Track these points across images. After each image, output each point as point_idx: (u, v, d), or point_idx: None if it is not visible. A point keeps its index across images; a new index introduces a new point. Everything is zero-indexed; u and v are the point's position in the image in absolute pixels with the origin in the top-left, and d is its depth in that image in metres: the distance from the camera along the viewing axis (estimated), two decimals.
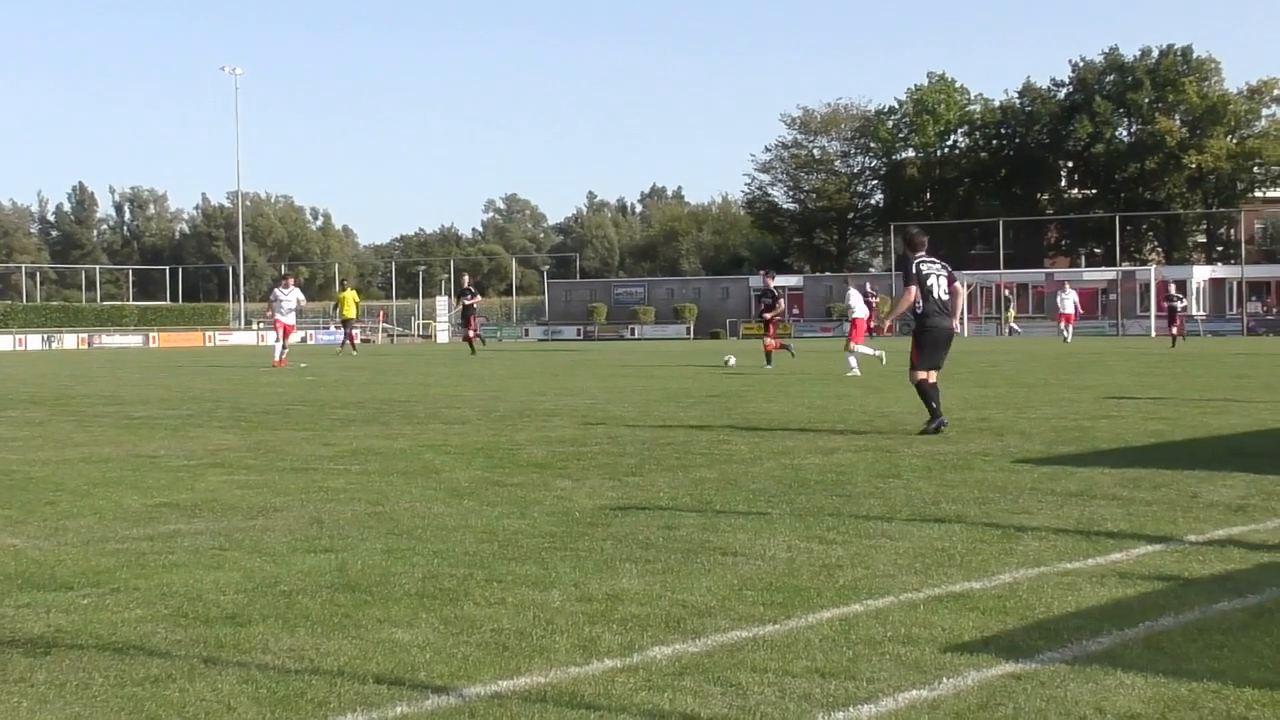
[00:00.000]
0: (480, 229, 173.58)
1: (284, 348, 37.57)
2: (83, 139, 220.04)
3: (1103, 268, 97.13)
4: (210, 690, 5.15)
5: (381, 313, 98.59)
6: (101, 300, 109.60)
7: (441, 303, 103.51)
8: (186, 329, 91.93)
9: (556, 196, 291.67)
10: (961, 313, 36.97)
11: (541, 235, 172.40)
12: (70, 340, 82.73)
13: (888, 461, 12.62)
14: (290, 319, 38.20)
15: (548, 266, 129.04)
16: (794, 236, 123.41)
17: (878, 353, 31.61)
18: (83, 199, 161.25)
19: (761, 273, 40.67)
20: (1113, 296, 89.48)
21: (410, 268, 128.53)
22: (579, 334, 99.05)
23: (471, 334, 46.88)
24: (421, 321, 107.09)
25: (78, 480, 11.52)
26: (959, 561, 7.65)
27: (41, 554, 7.97)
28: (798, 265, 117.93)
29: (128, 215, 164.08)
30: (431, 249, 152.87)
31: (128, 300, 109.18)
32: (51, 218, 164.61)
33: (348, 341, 49.21)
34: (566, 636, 6.00)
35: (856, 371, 29.99)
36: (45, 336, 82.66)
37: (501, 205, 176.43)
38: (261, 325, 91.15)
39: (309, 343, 78.99)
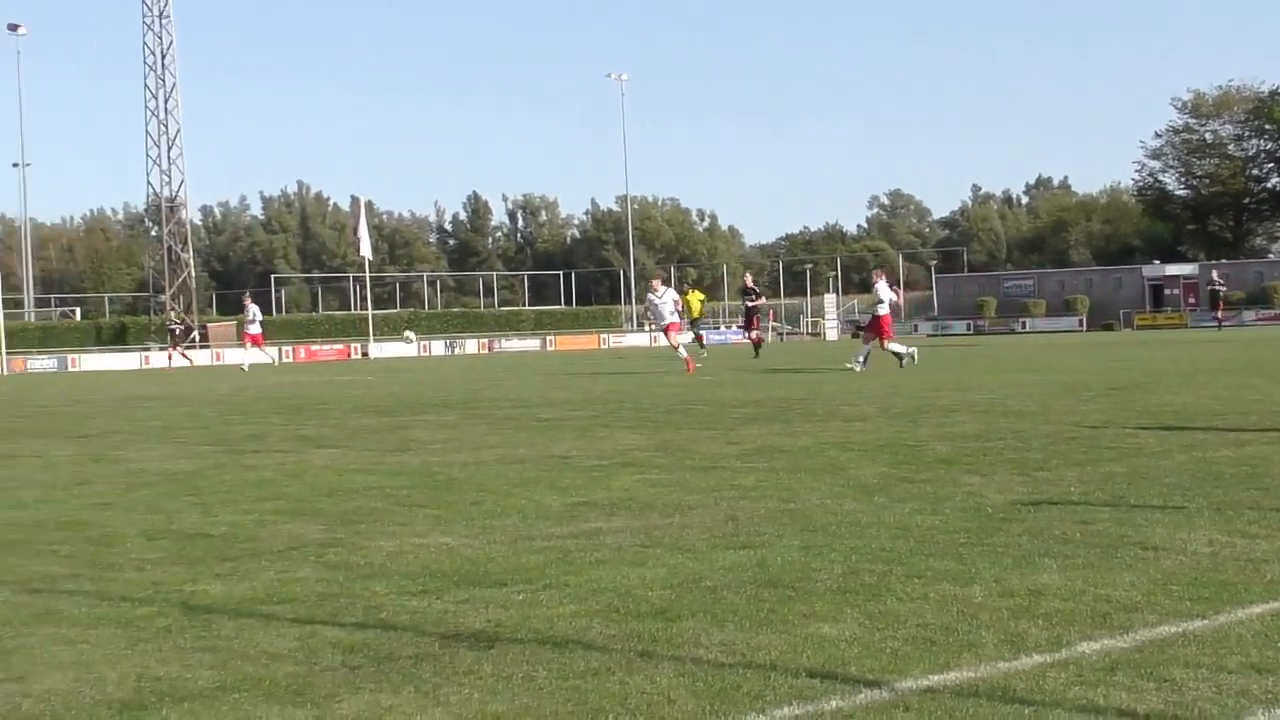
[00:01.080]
0: (865, 225, 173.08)
1: (679, 347, 37.56)
2: (476, 150, 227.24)
3: None
4: (649, 683, 5.29)
5: (771, 311, 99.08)
6: (499, 305, 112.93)
7: (829, 300, 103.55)
8: (581, 332, 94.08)
9: (940, 190, 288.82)
10: None
11: (926, 230, 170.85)
12: (471, 345, 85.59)
13: None
14: (672, 319, 38.10)
15: (934, 261, 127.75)
16: (1186, 224, 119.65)
17: (910, 350, 32.16)
18: (477, 208, 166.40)
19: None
20: None
21: (796, 266, 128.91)
22: (968, 328, 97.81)
23: (754, 335, 45.84)
24: (810, 319, 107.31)
25: (497, 481, 11.93)
26: None
27: (473, 552, 8.29)
28: (1192, 253, 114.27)
29: (520, 222, 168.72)
30: (817, 246, 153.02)
31: (523, 305, 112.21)
32: (448, 227, 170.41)
33: (695, 341, 48.61)
34: (992, 631, 5.97)
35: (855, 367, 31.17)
36: (448, 342, 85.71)
37: (885, 201, 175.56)
38: (652, 329, 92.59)
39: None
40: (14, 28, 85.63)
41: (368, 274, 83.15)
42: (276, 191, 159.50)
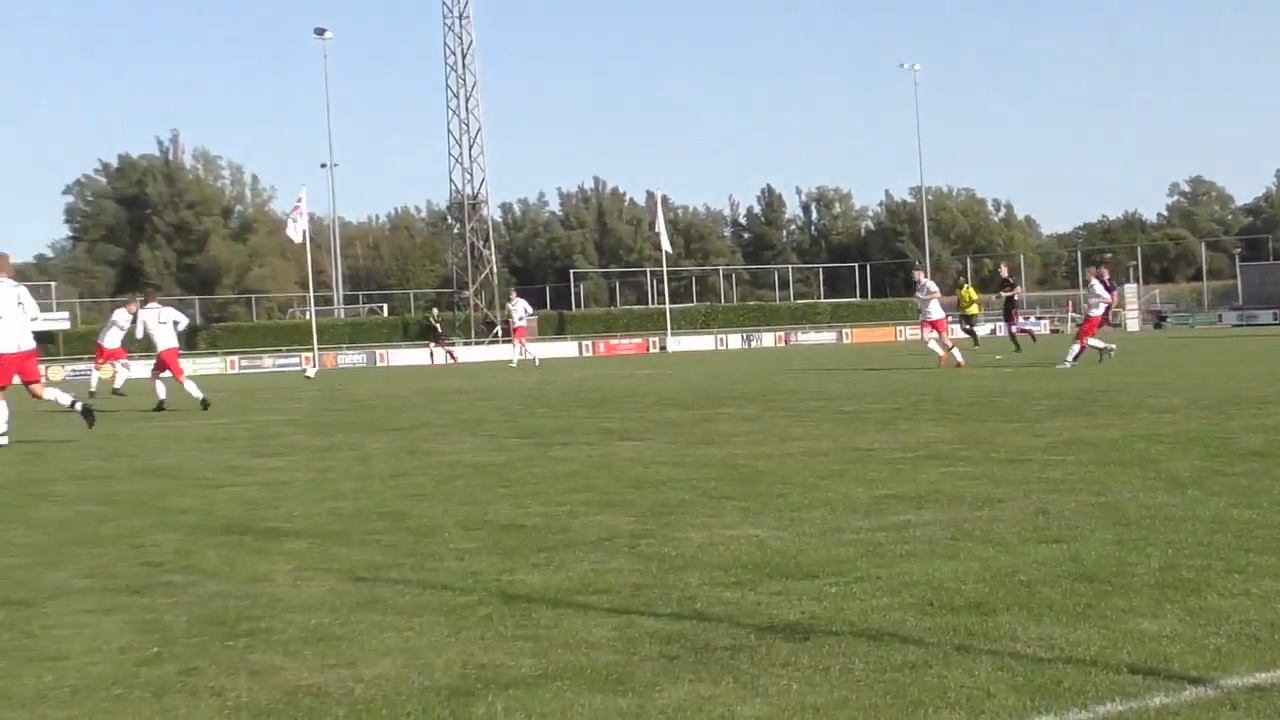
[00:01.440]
0: (1165, 213, 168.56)
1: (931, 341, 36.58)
2: (769, 143, 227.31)
3: None
4: (967, 676, 5.27)
5: (1070, 302, 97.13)
6: (794, 299, 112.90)
7: (1130, 290, 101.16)
8: (877, 324, 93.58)
9: (1244, 177, 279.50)
10: None
11: (1229, 217, 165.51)
12: (768, 338, 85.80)
13: None
14: (938, 314, 36.40)
15: (1238, 249, 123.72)
16: None
17: (1109, 346, 31.40)
18: (771, 201, 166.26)
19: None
20: None
21: (1094, 255, 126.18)
22: (1275, 317, 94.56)
23: (1015, 329, 44.43)
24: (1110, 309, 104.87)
25: (803, 473, 11.94)
26: None
27: (782, 544, 8.32)
28: None
29: (814, 215, 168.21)
30: (1116, 235, 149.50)
31: (818, 298, 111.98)
32: (743, 220, 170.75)
33: (969, 335, 46.74)
34: None
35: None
36: (744, 335, 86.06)
37: (1186, 188, 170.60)
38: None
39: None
40: (320, 32, 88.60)
41: (665, 268, 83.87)
42: (574, 188, 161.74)
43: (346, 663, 5.83)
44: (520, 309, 53.53)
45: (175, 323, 28.58)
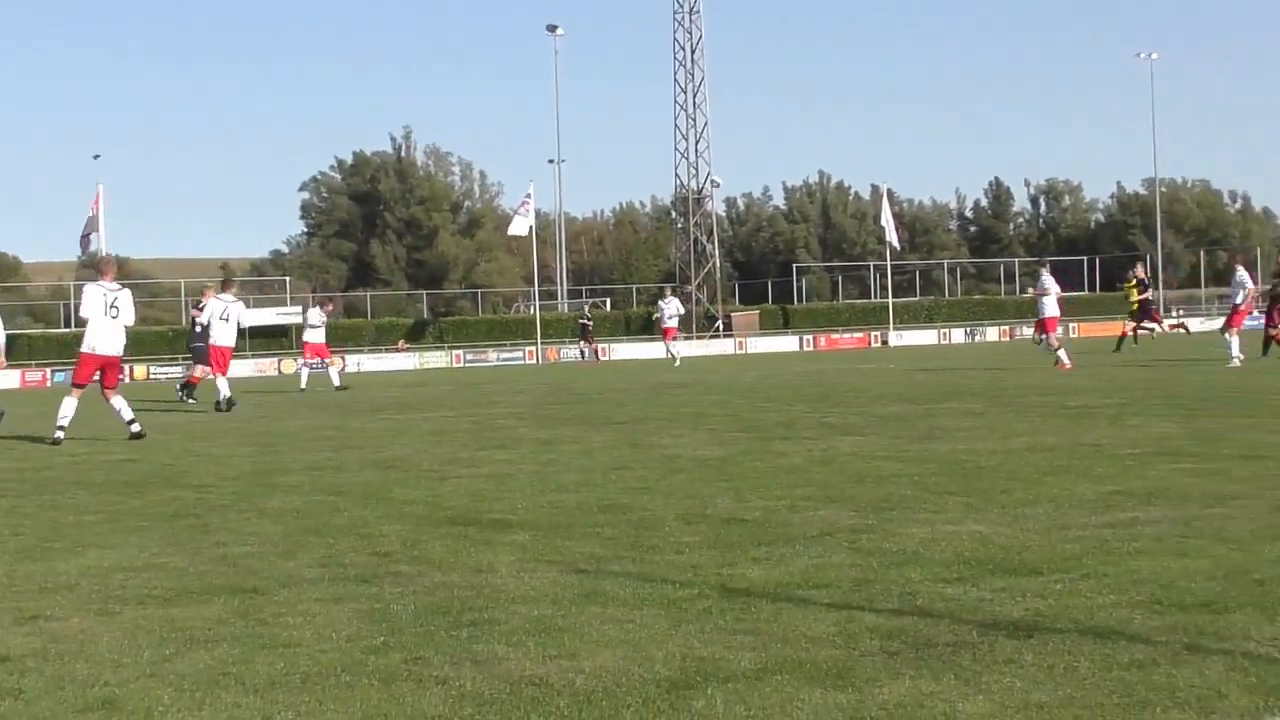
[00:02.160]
0: None
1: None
2: (997, 135, 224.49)
3: None
4: (1197, 676, 5.13)
5: None
6: (1019, 292, 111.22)
7: None
8: (1106, 319, 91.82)
9: None
10: None
11: None
12: (991, 333, 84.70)
13: None
14: (1051, 311, 34.80)
15: None
16: None
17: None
18: (999, 193, 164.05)
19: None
20: None
21: None
22: None
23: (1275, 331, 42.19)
24: None
25: (1027, 469, 11.76)
26: None
27: (1006, 540, 8.20)
28: None
29: (1043, 207, 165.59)
30: None
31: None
32: (969, 213, 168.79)
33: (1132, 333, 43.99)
34: None
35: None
36: (968, 330, 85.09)
37: None
38: (1182, 313, 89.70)
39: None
40: (552, 29, 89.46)
41: (889, 262, 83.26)
42: (798, 182, 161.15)
43: (568, 654, 5.86)
44: (672, 308, 52.71)
45: (238, 321, 28.79)
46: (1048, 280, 34.22)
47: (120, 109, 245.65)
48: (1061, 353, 32.86)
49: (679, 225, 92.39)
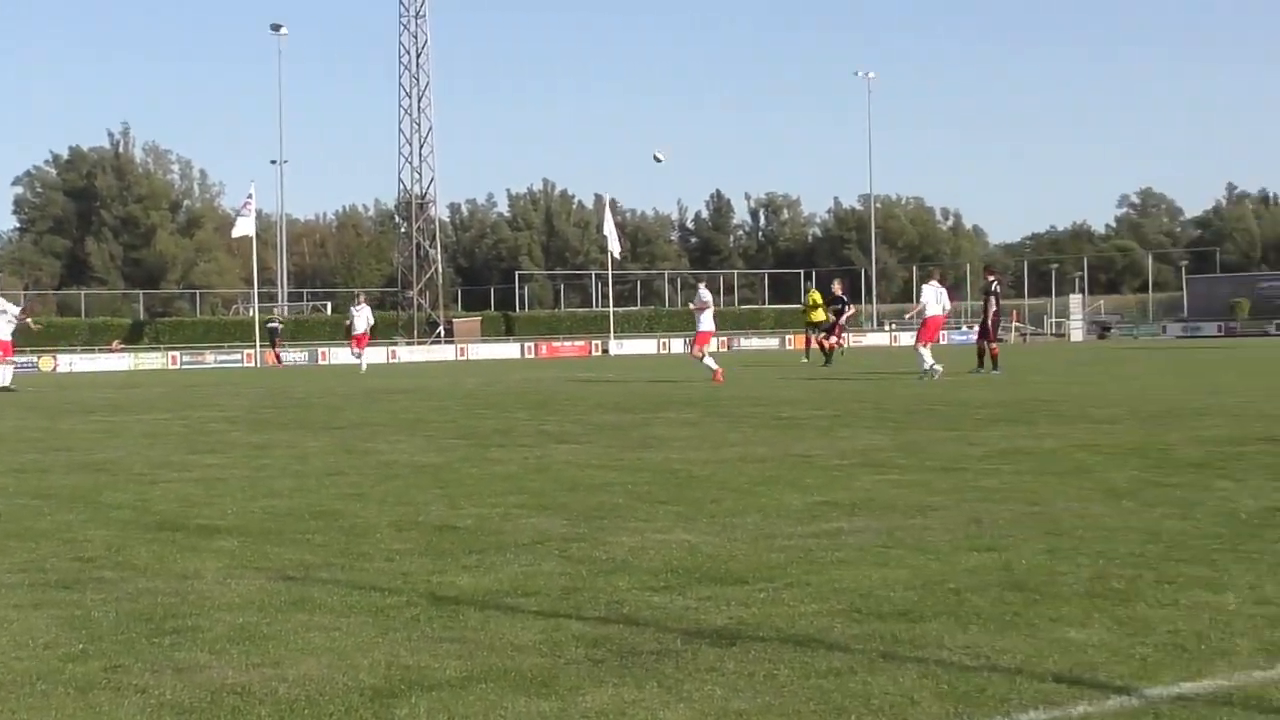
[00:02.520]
0: (1113, 224, 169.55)
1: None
2: (719, 148, 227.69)
3: None
4: (892, 684, 5.26)
5: (1015, 312, 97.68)
6: (739, 304, 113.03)
7: (1075, 300, 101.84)
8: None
9: (1193, 189, 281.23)
10: None
11: (1178, 230, 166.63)
12: (711, 343, 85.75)
13: None
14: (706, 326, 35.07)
15: (1185, 262, 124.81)
16: None
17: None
18: (720, 206, 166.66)
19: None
20: None
21: (1042, 265, 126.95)
22: (1220, 330, 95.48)
23: (823, 339, 43.75)
24: (1054, 320, 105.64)
25: (738, 479, 11.94)
26: None
27: (714, 549, 8.31)
28: None
29: (762, 220, 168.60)
30: (1063, 246, 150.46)
31: (763, 304, 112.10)
32: (690, 225, 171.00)
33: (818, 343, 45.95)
34: (1247, 639, 5.83)
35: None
36: (687, 340, 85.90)
37: (1135, 199, 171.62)
38: (894, 326, 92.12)
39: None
40: (276, 28, 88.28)
41: (610, 271, 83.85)
42: (523, 189, 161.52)
43: (272, 662, 5.78)
44: (363, 316, 50.83)
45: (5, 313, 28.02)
46: (705, 295, 34.69)
47: None
48: (709, 361, 33.12)
49: (402, 230, 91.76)
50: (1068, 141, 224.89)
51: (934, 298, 32.53)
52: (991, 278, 36.23)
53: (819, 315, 46.62)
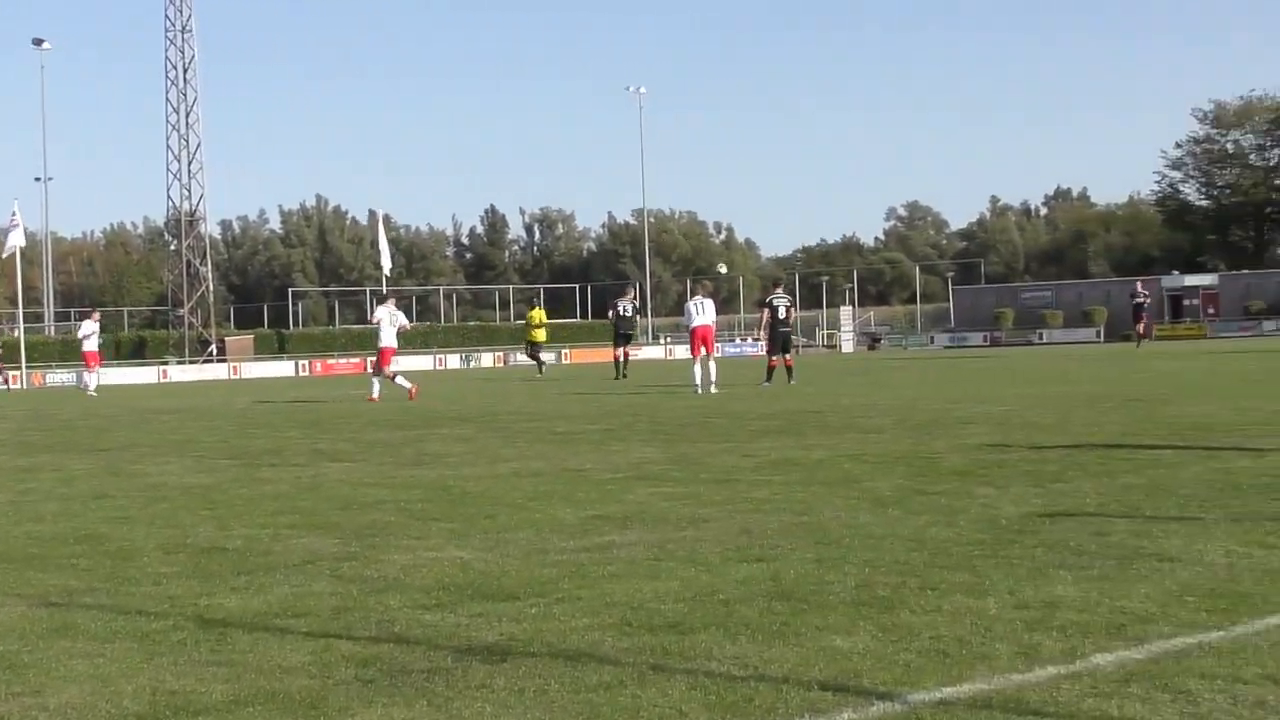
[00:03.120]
0: (882, 237, 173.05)
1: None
2: (493, 164, 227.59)
3: None
4: (661, 696, 5.30)
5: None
6: (515, 320, 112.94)
7: (845, 312, 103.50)
8: (597, 345, 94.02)
9: (958, 202, 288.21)
10: None
11: (944, 241, 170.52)
12: (487, 359, 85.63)
13: None
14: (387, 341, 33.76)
15: (951, 273, 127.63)
16: (1207, 234, 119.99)
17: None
18: (494, 221, 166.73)
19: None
20: None
21: (813, 278, 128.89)
22: (985, 340, 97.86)
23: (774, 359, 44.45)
24: (826, 331, 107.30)
25: (512, 494, 11.94)
26: None
27: (487, 566, 8.30)
28: (1212, 264, 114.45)
29: (537, 235, 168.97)
30: (834, 259, 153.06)
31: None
32: (465, 240, 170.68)
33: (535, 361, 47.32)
34: (1007, 644, 5.99)
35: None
36: (463, 355, 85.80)
37: (903, 212, 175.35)
38: (669, 340, 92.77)
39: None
40: (38, 42, 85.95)
41: (384, 288, 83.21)
42: (295, 205, 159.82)
43: (32, 691, 5.65)
44: (92, 331, 48.80)
45: None
46: (390, 310, 34.08)
47: None
48: (378, 384, 32.49)
49: (172, 247, 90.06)
50: (837, 156, 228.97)
51: (696, 310, 32.28)
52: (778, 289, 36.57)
53: (540, 335, 48.33)
